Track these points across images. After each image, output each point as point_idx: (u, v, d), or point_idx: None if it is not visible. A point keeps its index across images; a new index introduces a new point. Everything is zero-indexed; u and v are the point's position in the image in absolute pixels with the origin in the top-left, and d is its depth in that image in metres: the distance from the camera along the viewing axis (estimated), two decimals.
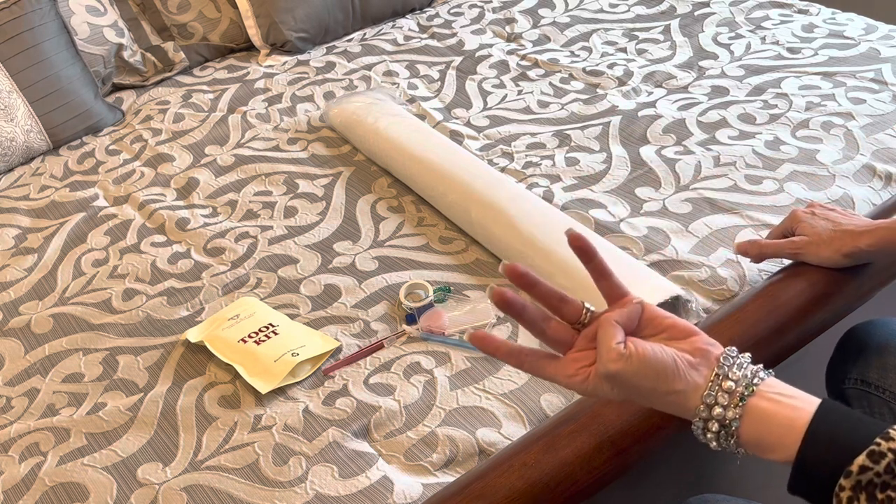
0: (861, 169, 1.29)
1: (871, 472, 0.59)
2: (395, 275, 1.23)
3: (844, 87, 1.49)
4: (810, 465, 0.62)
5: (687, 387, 0.67)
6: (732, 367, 0.67)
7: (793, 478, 0.64)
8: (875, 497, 0.59)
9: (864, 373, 0.98)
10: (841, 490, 0.60)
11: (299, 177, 1.50)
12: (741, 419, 0.65)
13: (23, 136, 1.67)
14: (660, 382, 0.67)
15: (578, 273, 1.10)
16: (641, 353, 0.67)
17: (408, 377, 1.05)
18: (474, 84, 1.71)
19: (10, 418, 1.10)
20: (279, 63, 1.92)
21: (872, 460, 0.59)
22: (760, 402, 0.66)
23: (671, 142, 1.43)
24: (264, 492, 0.94)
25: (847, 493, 0.59)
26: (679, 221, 1.24)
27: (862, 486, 0.59)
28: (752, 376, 0.67)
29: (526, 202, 1.25)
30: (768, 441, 0.65)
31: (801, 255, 1.00)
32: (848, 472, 0.59)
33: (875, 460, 0.59)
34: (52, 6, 1.74)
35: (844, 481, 0.60)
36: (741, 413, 0.65)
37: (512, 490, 0.82)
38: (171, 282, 1.29)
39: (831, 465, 0.61)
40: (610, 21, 1.88)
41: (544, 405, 1.00)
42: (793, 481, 0.64)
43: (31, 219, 1.52)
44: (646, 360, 0.67)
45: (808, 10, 1.78)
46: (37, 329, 1.25)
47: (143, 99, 1.86)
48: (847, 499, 0.59)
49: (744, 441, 0.66)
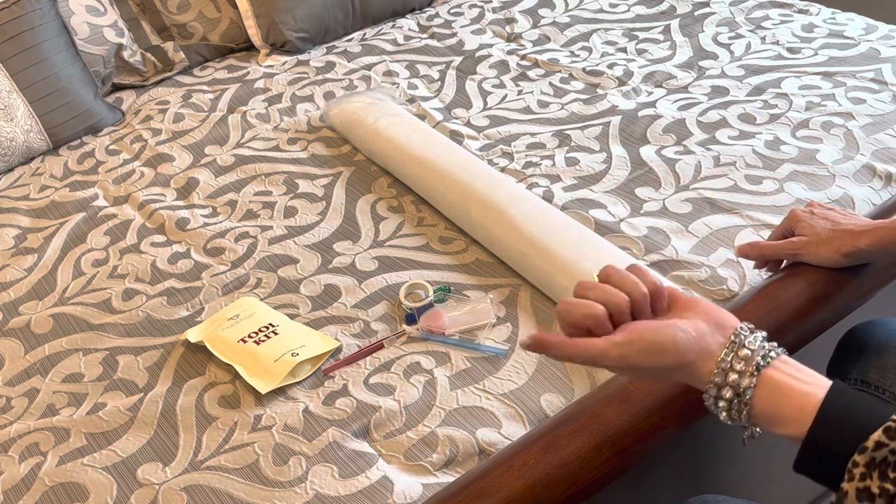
0: (861, 169, 1.29)
1: (886, 448, 0.58)
2: (395, 275, 1.23)
3: (844, 87, 1.49)
4: (821, 443, 0.62)
5: (699, 356, 0.67)
6: (749, 337, 0.67)
7: (801, 455, 0.64)
8: (887, 476, 0.58)
9: (864, 373, 0.98)
10: (854, 466, 0.59)
11: (299, 177, 1.50)
12: (756, 389, 0.65)
13: (23, 136, 1.67)
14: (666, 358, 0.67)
15: (578, 273, 1.10)
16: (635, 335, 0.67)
17: (408, 377, 1.05)
18: (474, 84, 1.71)
19: (10, 418, 1.10)
20: (279, 63, 1.92)
21: (889, 436, 0.59)
22: (775, 373, 0.65)
23: (671, 142, 1.43)
24: (264, 492, 0.94)
25: (860, 470, 0.59)
26: (679, 221, 1.24)
27: (876, 464, 0.58)
28: (769, 349, 0.67)
29: (526, 202, 1.25)
30: (782, 413, 0.65)
31: (800, 255, 1.00)
32: (863, 447, 0.59)
33: (891, 436, 0.58)
34: (52, 6, 1.74)
35: (859, 457, 0.59)
36: (756, 382, 0.65)
37: (512, 490, 0.82)
38: (171, 282, 1.29)
39: (843, 444, 0.60)
40: (610, 21, 1.88)
41: (544, 405, 1.00)
42: (801, 459, 0.64)
43: (31, 219, 1.52)
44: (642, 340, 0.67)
45: (808, 10, 1.78)
46: (37, 329, 1.25)
47: (143, 99, 1.86)
48: (860, 475, 0.59)
49: (756, 412, 0.66)
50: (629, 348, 0.67)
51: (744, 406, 0.66)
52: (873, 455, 0.59)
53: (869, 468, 0.59)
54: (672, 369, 0.68)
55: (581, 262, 1.11)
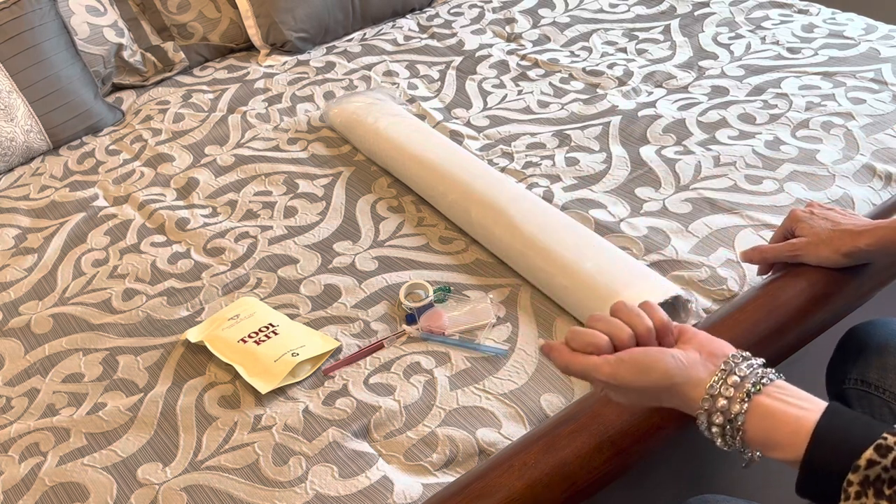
0: (861, 169, 1.29)
1: (879, 466, 0.59)
2: (395, 275, 1.23)
3: (844, 87, 1.49)
4: (818, 465, 0.63)
5: (688, 381, 0.69)
6: (740, 365, 0.69)
7: (801, 479, 0.64)
8: (883, 493, 0.58)
9: (864, 373, 0.98)
10: (849, 485, 0.60)
11: (299, 177, 1.50)
12: (747, 415, 0.66)
13: (23, 136, 1.67)
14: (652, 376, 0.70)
15: (578, 273, 1.10)
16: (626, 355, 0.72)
17: (408, 377, 1.05)
18: (474, 84, 1.71)
19: (10, 418, 1.10)
20: (279, 63, 1.92)
21: (880, 454, 0.59)
22: (767, 399, 0.66)
23: (671, 142, 1.43)
24: (264, 492, 0.94)
25: (855, 489, 0.59)
26: (679, 221, 1.24)
27: (870, 482, 0.59)
28: (762, 376, 0.68)
29: (526, 202, 1.25)
30: (775, 439, 0.65)
31: (800, 256, 1.00)
32: (856, 466, 0.60)
33: (882, 454, 0.59)
34: (52, 6, 1.74)
35: (852, 476, 0.60)
36: (747, 409, 0.66)
37: (512, 490, 0.82)
38: (171, 282, 1.29)
39: (839, 465, 0.61)
40: (610, 21, 1.88)
41: (544, 405, 1.00)
42: (801, 482, 0.64)
43: (31, 219, 1.52)
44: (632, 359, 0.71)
45: (808, 10, 1.78)
46: (37, 329, 1.25)
47: (143, 99, 1.86)
48: (855, 493, 0.59)
49: (750, 438, 0.67)
50: (620, 366, 0.71)
51: (736, 432, 0.67)
52: (867, 473, 0.59)
53: (864, 486, 0.59)
54: (661, 390, 0.71)
55: (581, 262, 1.11)
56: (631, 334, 0.73)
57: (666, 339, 0.74)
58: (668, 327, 0.75)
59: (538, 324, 1.11)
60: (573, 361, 0.74)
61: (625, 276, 1.08)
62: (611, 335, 0.74)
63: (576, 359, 0.74)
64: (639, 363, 0.71)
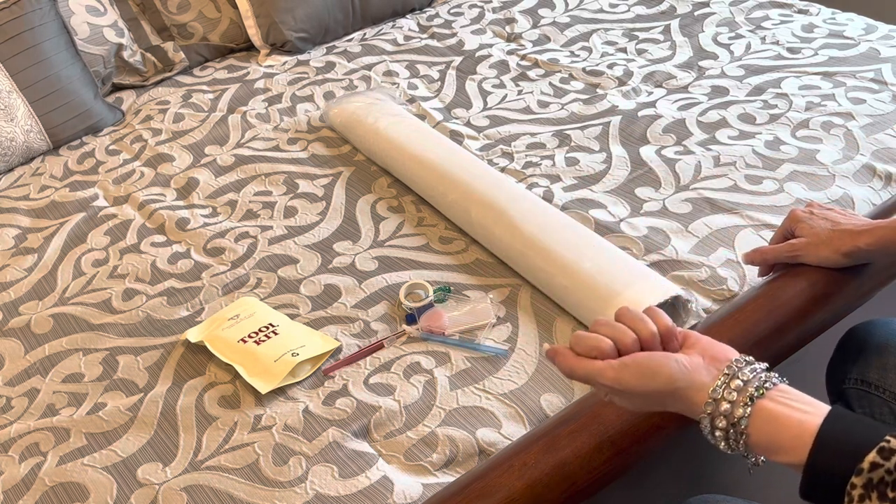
0: (861, 169, 1.29)
1: (882, 468, 0.59)
2: (395, 275, 1.23)
3: (844, 87, 1.49)
4: (821, 469, 0.63)
5: (691, 385, 0.70)
6: (744, 369, 0.69)
7: (804, 482, 0.64)
8: (886, 496, 0.59)
9: (864, 373, 0.98)
10: (853, 488, 0.60)
11: (299, 177, 1.50)
12: (750, 419, 0.66)
13: (23, 136, 1.67)
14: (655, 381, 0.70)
15: (578, 273, 1.10)
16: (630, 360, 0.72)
17: (408, 377, 1.05)
18: (474, 84, 1.71)
19: (10, 418, 1.10)
20: (279, 63, 1.92)
21: (883, 457, 0.59)
22: (770, 403, 0.67)
23: (671, 142, 1.43)
24: (264, 492, 0.94)
25: (858, 492, 0.60)
26: (679, 221, 1.24)
27: (873, 485, 0.59)
28: (765, 380, 0.68)
29: (526, 202, 1.25)
30: (779, 442, 0.66)
31: (800, 256, 1.00)
32: (859, 469, 0.60)
33: (885, 457, 0.59)
34: (52, 6, 1.74)
35: (856, 479, 0.60)
36: (750, 412, 0.66)
37: (512, 490, 0.82)
38: (171, 282, 1.29)
39: (842, 469, 0.61)
40: (610, 21, 1.88)
41: (544, 405, 1.00)
42: (804, 486, 0.64)
43: (31, 219, 1.52)
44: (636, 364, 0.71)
45: (808, 10, 1.78)
46: (37, 329, 1.25)
47: (143, 99, 1.86)
48: (858, 497, 0.60)
49: (753, 442, 0.67)
50: (624, 370, 0.72)
51: (740, 436, 0.68)
52: (870, 476, 0.59)
53: (867, 489, 0.59)
54: (664, 395, 0.71)
55: (581, 262, 1.11)
56: (635, 339, 0.74)
57: (670, 345, 0.75)
58: (673, 332, 0.75)
59: (538, 324, 1.11)
60: (577, 366, 0.75)
61: (625, 277, 1.08)
62: (615, 340, 0.74)
63: (580, 363, 0.74)
64: (643, 368, 0.71)
